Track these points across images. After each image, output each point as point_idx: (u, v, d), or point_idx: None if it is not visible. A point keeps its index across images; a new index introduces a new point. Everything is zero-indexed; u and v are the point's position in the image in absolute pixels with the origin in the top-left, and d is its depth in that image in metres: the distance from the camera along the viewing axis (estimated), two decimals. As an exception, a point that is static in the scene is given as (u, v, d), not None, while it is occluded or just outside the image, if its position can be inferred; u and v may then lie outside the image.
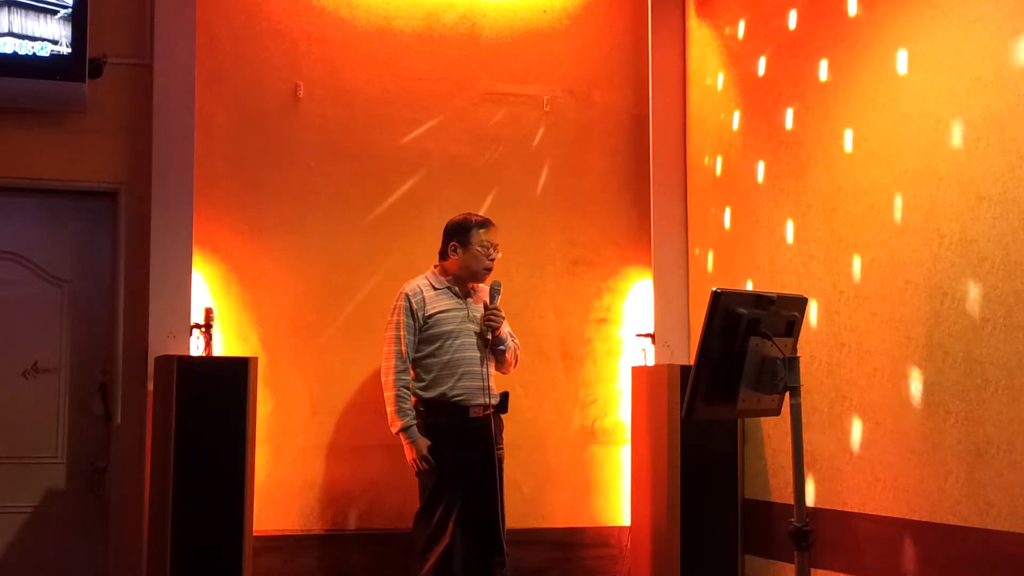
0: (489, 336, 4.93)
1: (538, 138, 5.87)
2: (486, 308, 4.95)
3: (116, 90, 5.20)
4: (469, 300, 5.01)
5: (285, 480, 5.36)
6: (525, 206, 5.80)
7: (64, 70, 4.94)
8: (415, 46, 5.71)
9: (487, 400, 4.90)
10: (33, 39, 4.87)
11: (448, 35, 5.76)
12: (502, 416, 5.01)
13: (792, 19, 5.15)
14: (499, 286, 4.98)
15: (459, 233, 4.97)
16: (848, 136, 4.80)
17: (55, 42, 4.88)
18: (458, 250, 4.96)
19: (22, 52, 4.89)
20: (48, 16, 4.90)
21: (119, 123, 5.22)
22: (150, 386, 5.04)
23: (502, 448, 4.98)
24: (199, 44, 5.27)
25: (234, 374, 4.76)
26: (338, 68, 5.59)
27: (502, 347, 4.99)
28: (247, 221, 5.41)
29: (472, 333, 4.94)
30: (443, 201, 5.56)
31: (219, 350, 5.21)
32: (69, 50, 4.93)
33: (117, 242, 5.21)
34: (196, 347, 5.12)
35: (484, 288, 5.03)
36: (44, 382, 5.16)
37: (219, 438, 4.71)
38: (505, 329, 5.05)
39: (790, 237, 5.12)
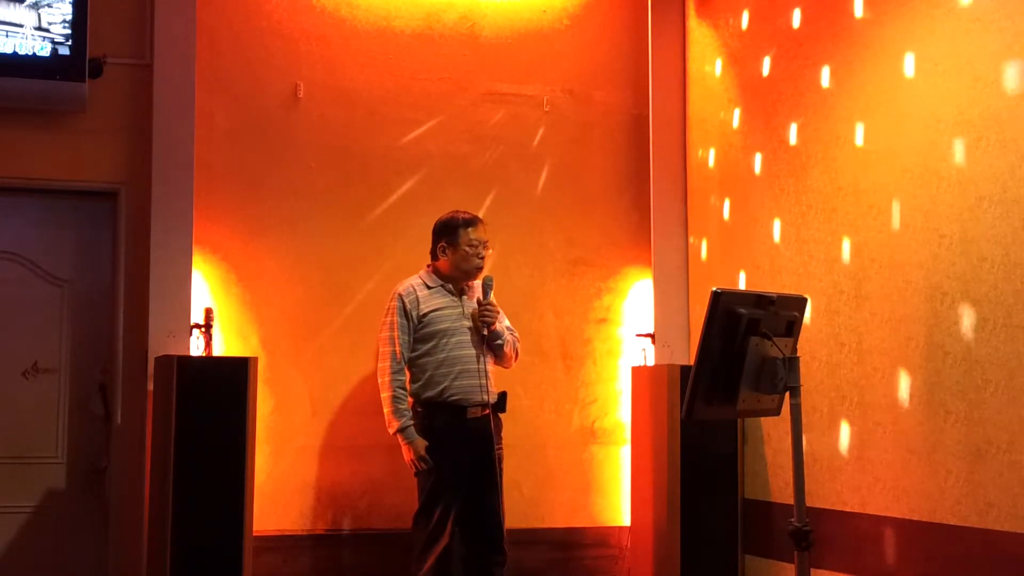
0: (485, 332, 4.92)
1: (538, 138, 5.86)
2: (479, 304, 4.94)
3: (116, 90, 5.20)
4: (464, 298, 5.00)
5: (285, 480, 5.36)
6: (525, 206, 5.80)
7: (64, 70, 4.94)
8: (415, 46, 5.71)
9: (485, 398, 4.89)
10: (11, 24, 4.86)
11: (448, 35, 5.76)
12: (500, 415, 5.00)
13: (792, 19, 5.15)
14: (491, 281, 4.96)
15: (446, 233, 4.96)
16: (848, 136, 4.80)
17: (20, 26, 4.86)
18: (447, 250, 4.95)
19: (22, 52, 4.89)
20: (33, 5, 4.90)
21: (119, 123, 5.22)
22: (150, 386, 5.04)
23: (501, 447, 4.97)
24: (199, 44, 5.27)
25: (234, 374, 4.76)
26: (338, 68, 5.59)
27: (499, 342, 4.98)
28: (247, 221, 5.41)
29: (467, 331, 4.92)
30: (443, 201, 5.54)
31: (219, 350, 5.21)
32: (68, 40, 4.92)
33: (117, 242, 5.21)
34: (196, 347, 5.12)
35: (478, 285, 5.02)
36: (44, 382, 5.16)
37: (219, 438, 4.71)
38: (503, 323, 5.04)
39: (790, 237, 5.12)
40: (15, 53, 4.88)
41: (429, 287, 4.96)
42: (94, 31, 5.01)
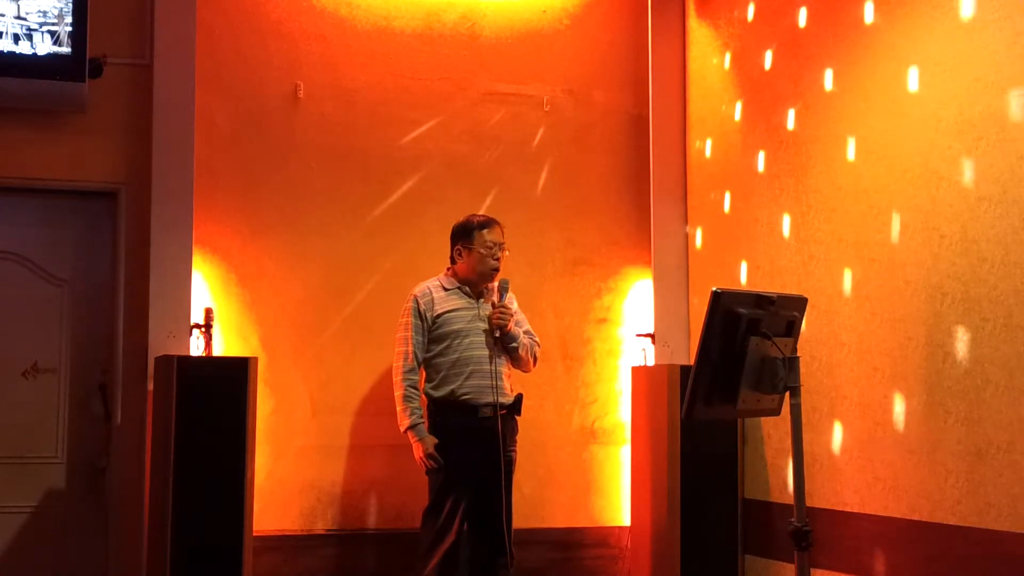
0: (497, 333, 4.93)
1: (538, 138, 5.87)
2: (493, 306, 4.96)
3: (116, 90, 5.20)
4: (481, 300, 5.01)
5: (285, 480, 5.36)
6: (525, 206, 5.80)
7: (64, 70, 4.93)
8: (415, 46, 5.71)
9: (496, 399, 4.90)
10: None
11: (448, 35, 5.76)
12: (516, 418, 5.01)
13: (793, 18, 5.15)
14: (507, 284, 4.99)
15: (463, 236, 4.98)
16: (848, 136, 4.80)
17: (1, 15, 4.85)
18: (463, 253, 4.97)
19: (20, 52, 4.89)
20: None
21: (119, 123, 5.22)
22: (150, 386, 5.04)
23: (514, 450, 4.98)
24: (199, 44, 5.27)
25: (234, 374, 4.76)
26: (338, 68, 5.59)
27: (514, 344, 4.99)
28: (247, 221, 5.41)
29: (482, 332, 4.95)
30: (443, 201, 5.56)
31: (219, 350, 5.21)
32: (42, 27, 4.91)
33: (117, 242, 5.21)
34: (196, 347, 5.12)
35: (495, 287, 5.04)
36: (44, 382, 5.16)
37: (219, 438, 4.70)
38: (523, 327, 5.06)
39: (790, 237, 5.12)
40: (15, 53, 4.88)
41: (446, 289, 4.99)
42: (94, 31, 5.01)
